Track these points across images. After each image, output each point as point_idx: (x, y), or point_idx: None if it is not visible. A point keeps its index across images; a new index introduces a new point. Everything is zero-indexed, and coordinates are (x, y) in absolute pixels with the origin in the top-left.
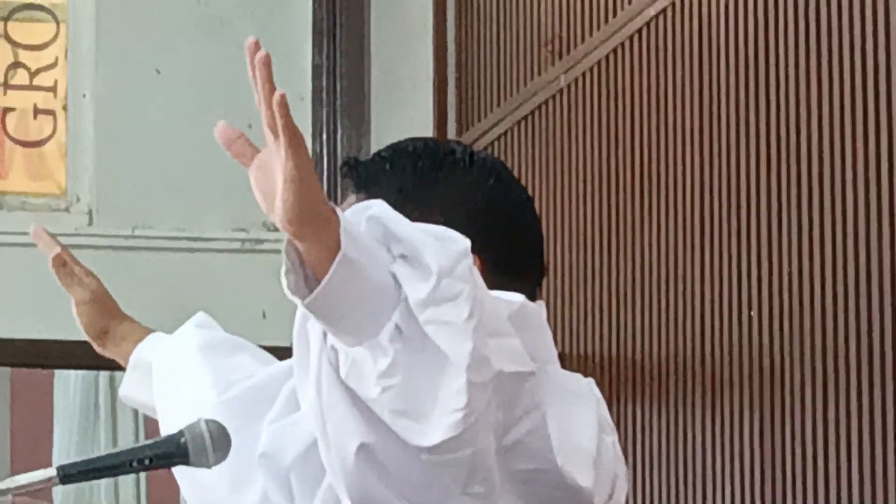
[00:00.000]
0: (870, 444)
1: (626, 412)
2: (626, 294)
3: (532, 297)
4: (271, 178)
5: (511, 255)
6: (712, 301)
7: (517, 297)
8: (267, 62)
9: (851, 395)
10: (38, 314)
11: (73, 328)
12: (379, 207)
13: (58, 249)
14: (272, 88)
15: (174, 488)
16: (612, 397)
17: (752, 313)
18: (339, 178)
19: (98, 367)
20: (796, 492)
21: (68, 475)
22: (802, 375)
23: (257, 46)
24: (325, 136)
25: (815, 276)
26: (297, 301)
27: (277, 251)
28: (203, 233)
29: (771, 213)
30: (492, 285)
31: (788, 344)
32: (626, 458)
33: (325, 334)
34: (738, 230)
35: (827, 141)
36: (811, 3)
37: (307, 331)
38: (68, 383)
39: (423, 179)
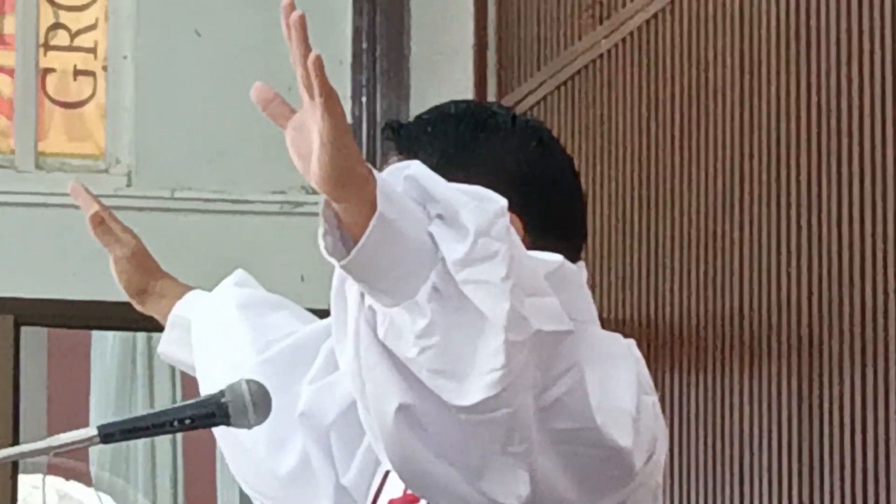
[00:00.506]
0: None
1: (664, 377)
2: (664, 259)
3: (574, 259)
4: (308, 138)
5: (552, 217)
6: (751, 267)
7: (556, 257)
8: (302, 22)
9: (890, 362)
10: (76, 275)
11: (110, 289)
12: (416, 168)
13: (96, 207)
14: (307, 49)
15: (210, 449)
16: (650, 362)
17: (790, 270)
18: (378, 142)
19: (136, 328)
20: (833, 458)
21: (108, 434)
22: (841, 342)
23: (292, 7)
24: (364, 100)
25: (855, 242)
26: (335, 262)
27: (316, 213)
28: (242, 195)
29: (811, 179)
30: (532, 247)
31: (827, 310)
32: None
33: (362, 295)
34: (778, 196)
35: (868, 105)
36: None
37: (345, 292)
38: (105, 344)
39: (465, 142)
